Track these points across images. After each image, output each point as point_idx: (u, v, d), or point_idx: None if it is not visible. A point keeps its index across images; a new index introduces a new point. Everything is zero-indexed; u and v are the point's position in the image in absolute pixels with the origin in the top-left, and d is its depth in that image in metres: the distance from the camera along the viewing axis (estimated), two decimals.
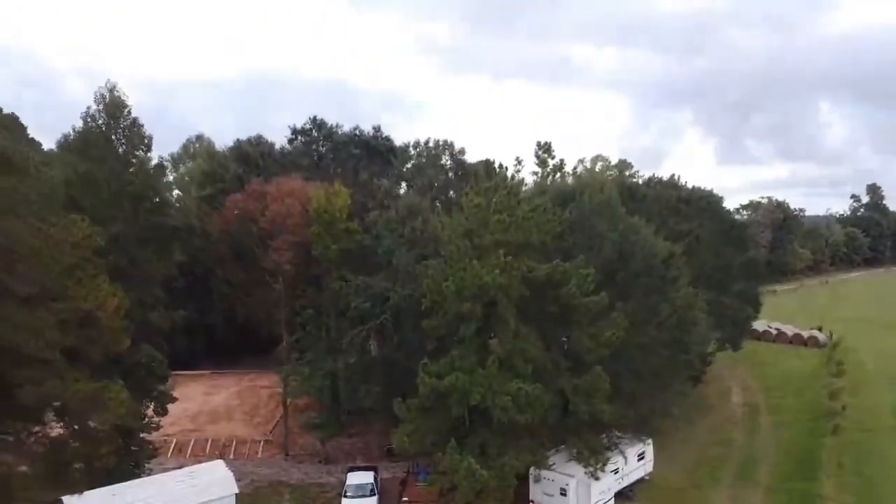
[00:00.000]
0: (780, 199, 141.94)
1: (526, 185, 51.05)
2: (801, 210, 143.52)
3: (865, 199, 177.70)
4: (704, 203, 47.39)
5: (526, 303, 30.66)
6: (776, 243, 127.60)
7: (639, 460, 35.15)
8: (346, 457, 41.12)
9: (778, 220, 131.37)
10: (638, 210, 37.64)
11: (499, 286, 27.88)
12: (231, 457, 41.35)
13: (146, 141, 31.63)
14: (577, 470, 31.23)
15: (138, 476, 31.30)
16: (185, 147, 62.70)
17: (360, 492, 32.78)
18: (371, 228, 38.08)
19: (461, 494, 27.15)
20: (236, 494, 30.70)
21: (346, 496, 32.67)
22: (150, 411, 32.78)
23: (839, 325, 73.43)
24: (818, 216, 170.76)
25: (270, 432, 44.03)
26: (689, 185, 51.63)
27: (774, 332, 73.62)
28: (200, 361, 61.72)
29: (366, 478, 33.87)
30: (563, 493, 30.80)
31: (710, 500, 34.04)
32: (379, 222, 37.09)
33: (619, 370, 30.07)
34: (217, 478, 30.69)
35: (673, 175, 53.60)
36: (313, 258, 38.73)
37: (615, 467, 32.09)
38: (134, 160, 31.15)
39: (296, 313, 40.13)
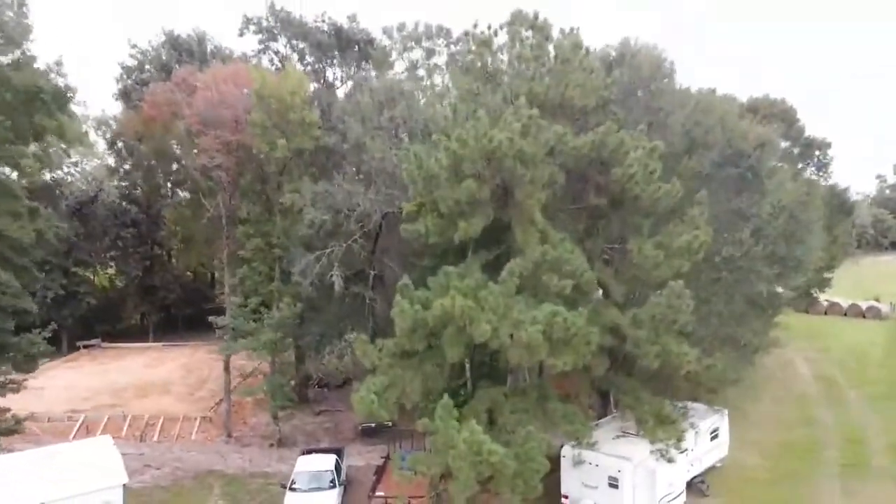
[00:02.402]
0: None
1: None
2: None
3: (892, 179, 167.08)
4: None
5: (559, 195, 20.50)
6: None
7: (712, 439, 24.92)
8: (307, 439, 30.98)
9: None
10: None
11: (518, 156, 17.63)
12: (154, 438, 31.24)
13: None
14: (634, 451, 21.07)
15: None
16: None
17: (315, 482, 22.56)
18: (337, 125, 27.82)
19: (459, 485, 16.89)
20: (124, 486, 20.44)
21: (292, 489, 22.47)
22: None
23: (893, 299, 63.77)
24: None
25: (212, 409, 33.85)
26: None
27: (826, 303, 63.49)
28: (159, 335, 51.89)
29: (323, 463, 23.66)
30: (614, 483, 20.58)
31: (816, 494, 23.82)
32: (346, 110, 26.81)
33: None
34: (93, 462, 20.48)
35: None
36: (258, 166, 28.54)
37: (685, 448, 21.86)
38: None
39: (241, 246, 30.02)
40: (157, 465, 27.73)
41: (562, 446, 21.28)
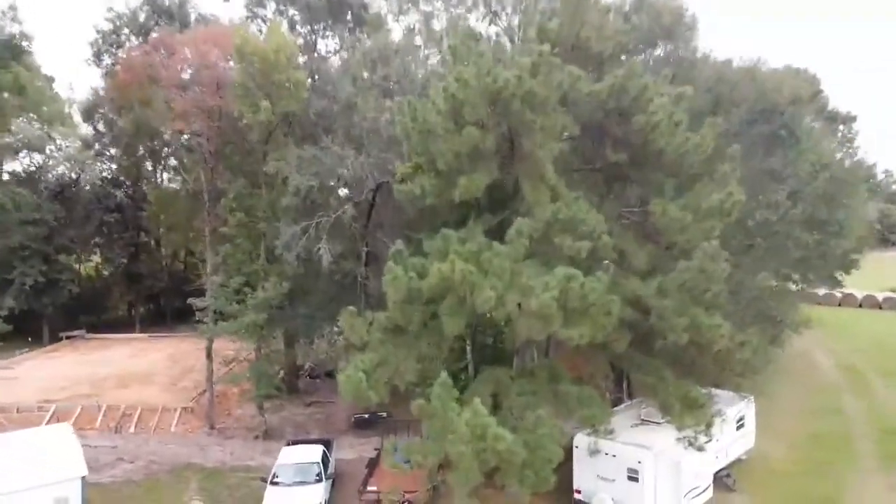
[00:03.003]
0: None
1: None
2: None
3: None
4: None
5: (571, 153, 18.26)
6: None
7: (737, 429, 22.67)
8: (296, 432, 28.69)
9: None
10: None
11: (527, 98, 15.34)
12: (131, 430, 28.96)
13: None
14: (655, 439, 18.83)
15: None
16: None
17: (299, 476, 20.33)
18: (326, 88, 25.52)
19: (460, 475, 14.62)
20: (84, 479, 18.16)
21: (273, 483, 20.22)
22: None
23: None
24: None
25: (194, 399, 31.57)
26: None
27: (840, 294, 61.16)
28: (146, 327, 49.61)
29: (309, 455, 21.42)
30: (633, 476, 18.32)
31: (857, 489, 21.53)
32: (336, 70, 24.51)
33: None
34: (48, 453, 18.23)
35: None
36: (241, 134, 26.28)
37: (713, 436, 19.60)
38: None
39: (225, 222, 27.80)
40: (130, 459, 25.48)
41: (574, 435, 19.06)
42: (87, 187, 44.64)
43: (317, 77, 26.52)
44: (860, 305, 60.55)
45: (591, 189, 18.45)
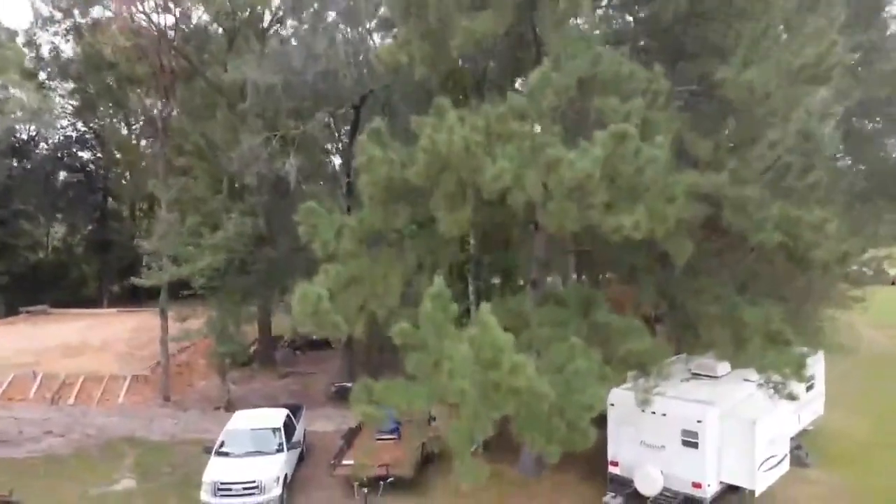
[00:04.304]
0: None
1: None
2: None
3: None
4: None
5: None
6: None
7: (807, 389, 18.10)
8: (266, 403, 24.08)
9: None
10: None
11: None
12: (71, 401, 24.46)
13: None
14: (718, 395, 14.38)
15: None
16: None
17: (254, 444, 15.81)
18: None
19: (459, 430, 10.10)
20: None
21: (220, 453, 15.73)
22: None
23: None
24: None
25: (150, 368, 27.05)
26: None
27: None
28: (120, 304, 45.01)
29: (267, 419, 16.93)
30: (690, 441, 13.78)
31: None
32: None
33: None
34: None
35: None
36: (199, 43, 21.79)
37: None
38: None
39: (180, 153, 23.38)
40: (61, 432, 21.04)
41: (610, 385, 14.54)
42: (44, 144, 40.20)
43: None
44: (892, 283, 56.13)
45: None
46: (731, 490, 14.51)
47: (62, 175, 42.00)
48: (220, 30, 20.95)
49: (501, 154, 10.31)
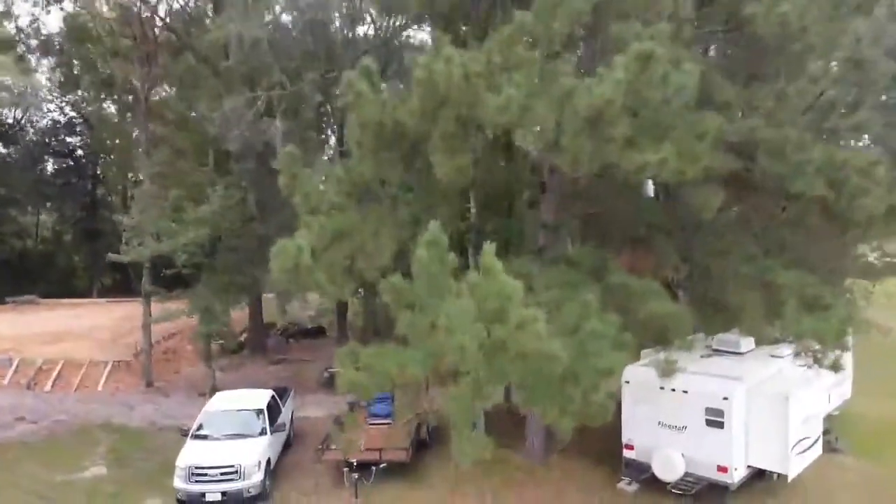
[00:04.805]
0: None
1: None
2: None
3: None
4: None
5: None
6: None
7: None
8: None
9: None
10: None
11: None
12: (48, 387, 23.11)
13: None
14: (745, 370, 13.07)
15: None
16: None
17: (235, 427, 14.45)
18: None
19: (460, 397, 8.76)
20: None
21: (197, 436, 14.39)
22: None
23: None
24: None
25: (135, 355, 25.69)
26: None
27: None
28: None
29: (250, 401, 15.61)
30: (715, 420, 12.42)
31: None
32: None
33: None
34: None
35: None
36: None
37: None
38: None
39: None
40: (35, 418, 19.66)
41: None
42: (32, 129, 38.94)
43: None
44: None
45: None
46: (756, 477, 13.20)
47: (50, 162, 40.64)
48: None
49: (507, 83, 8.97)
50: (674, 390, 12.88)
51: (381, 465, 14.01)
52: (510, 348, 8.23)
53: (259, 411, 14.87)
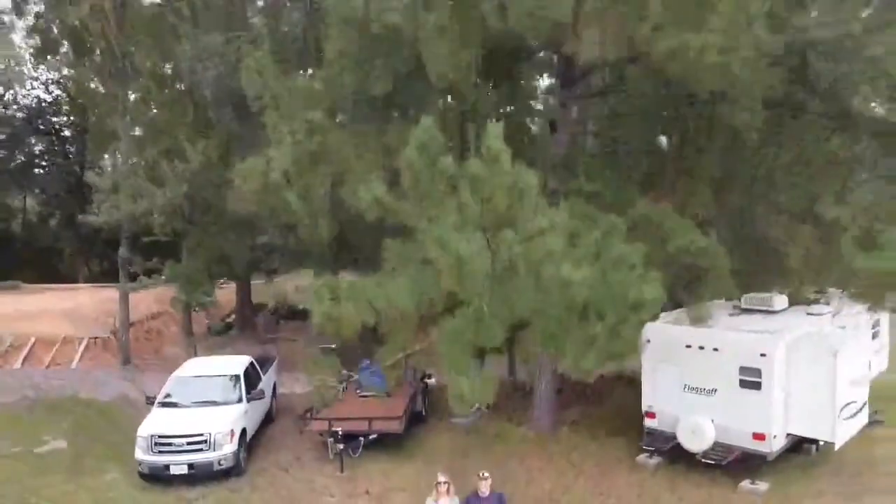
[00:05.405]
0: None
1: None
2: None
3: None
4: None
5: None
6: None
7: (872, 338, 15.16)
8: None
9: None
10: None
11: None
12: (18, 363, 21.55)
13: None
14: (783, 325, 11.50)
15: None
16: None
17: (208, 393, 12.87)
18: None
19: (458, 329, 7.19)
20: None
21: (164, 403, 12.83)
22: None
23: None
24: None
25: (112, 331, 24.11)
26: None
27: None
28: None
29: (226, 366, 14.06)
30: (751, 380, 10.83)
31: None
32: None
33: None
34: None
35: None
36: None
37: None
38: None
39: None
40: None
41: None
42: (17, 105, 37.37)
43: None
44: None
45: None
46: (791, 450, 11.62)
47: (34, 142, 39.11)
48: None
49: None
50: (702, 348, 11.33)
51: (371, 437, 12.50)
52: (520, 267, 6.66)
53: (235, 377, 13.30)
